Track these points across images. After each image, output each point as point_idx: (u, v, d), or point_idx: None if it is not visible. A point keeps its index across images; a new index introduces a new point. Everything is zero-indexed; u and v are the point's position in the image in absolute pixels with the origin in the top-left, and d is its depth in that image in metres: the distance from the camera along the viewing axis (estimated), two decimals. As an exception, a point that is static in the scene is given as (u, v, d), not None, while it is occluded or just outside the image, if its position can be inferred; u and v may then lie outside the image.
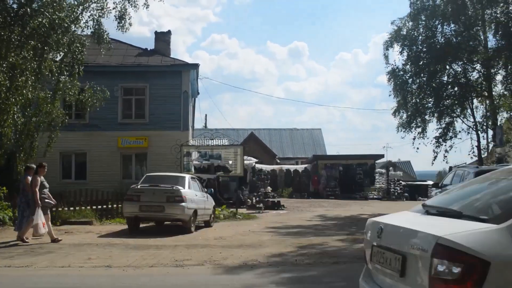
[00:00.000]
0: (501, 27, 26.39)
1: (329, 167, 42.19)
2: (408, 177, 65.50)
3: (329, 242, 14.53)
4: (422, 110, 31.77)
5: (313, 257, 11.86)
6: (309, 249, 13.28)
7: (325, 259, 11.72)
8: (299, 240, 14.86)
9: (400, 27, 32.59)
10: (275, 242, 14.51)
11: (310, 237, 15.85)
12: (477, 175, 17.48)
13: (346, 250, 13.22)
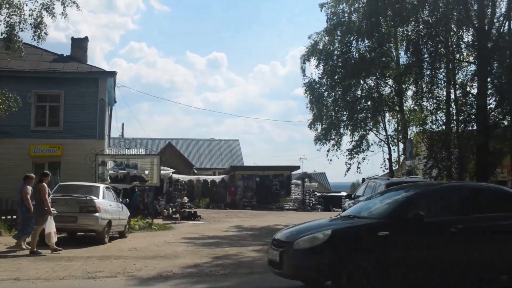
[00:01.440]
0: (412, 44, 27.33)
1: (246, 178, 42.43)
2: (323, 188, 66.84)
3: (244, 253, 14.64)
4: (337, 123, 32.58)
5: (228, 267, 11.92)
6: (225, 259, 13.32)
7: (240, 270, 11.80)
8: (215, 251, 14.89)
9: (316, 41, 33.39)
10: (191, 253, 14.47)
11: (226, 247, 15.89)
12: (388, 186, 18.15)
13: (261, 260, 13.31)
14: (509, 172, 30.98)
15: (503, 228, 9.29)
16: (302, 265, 8.68)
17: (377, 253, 8.50)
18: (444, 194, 10.09)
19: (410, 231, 8.79)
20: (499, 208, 9.67)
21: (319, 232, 8.76)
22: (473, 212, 9.42)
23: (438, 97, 29.96)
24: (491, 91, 26.82)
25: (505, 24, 26.46)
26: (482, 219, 9.30)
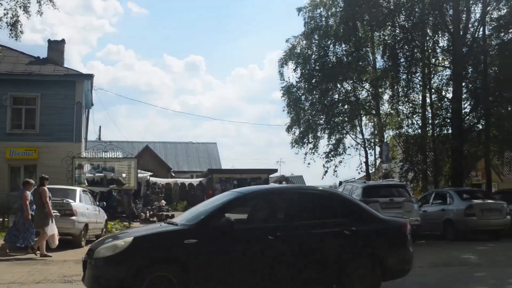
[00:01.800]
0: (388, 49, 27.64)
1: (224, 181, 42.41)
2: (300, 191, 66.79)
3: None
4: (314, 127, 32.74)
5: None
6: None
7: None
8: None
9: (294, 45, 33.52)
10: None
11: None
12: (365, 189, 18.37)
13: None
14: (483, 176, 31.38)
15: (328, 237, 8.90)
16: (102, 275, 7.94)
17: (182, 262, 7.99)
18: (268, 199, 9.47)
19: (218, 239, 8.23)
20: (329, 214, 9.25)
21: (121, 239, 8.15)
22: (298, 218, 8.95)
23: (414, 101, 30.32)
24: (466, 95, 27.26)
25: (479, 29, 26.92)
26: (307, 226, 8.89)
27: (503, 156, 32.22)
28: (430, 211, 20.66)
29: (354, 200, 10.08)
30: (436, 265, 12.95)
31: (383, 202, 17.72)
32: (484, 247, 17.08)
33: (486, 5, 26.20)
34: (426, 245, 18.06)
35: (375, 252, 9.08)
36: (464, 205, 19.31)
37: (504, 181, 39.43)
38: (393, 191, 18.60)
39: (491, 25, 26.91)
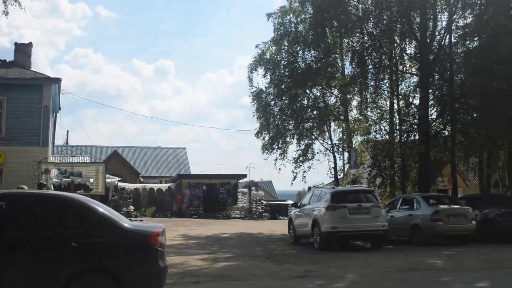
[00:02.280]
0: (356, 55, 27.82)
1: (193, 186, 42.30)
2: (269, 196, 67.21)
3: (190, 262, 14.64)
4: (284, 132, 32.80)
5: (173, 277, 11.89)
6: (170, 268, 13.22)
7: (186, 279, 11.83)
8: (161, 260, 14.78)
9: (264, 51, 33.59)
10: (136, 262, 14.33)
11: (172, 256, 15.79)
12: (333, 195, 18.51)
13: (207, 269, 13.39)
14: (450, 181, 31.85)
15: (51, 249, 8.10)
16: None
17: None
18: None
19: None
20: (57, 222, 8.50)
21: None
22: (15, 228, 8.17)
23: (381, 107, 30.72)
24: (433, 102, 27.62)
25: (446, 37, 27.30)
26: (24, 237, 8.07)
27: (469, 162, 32.80)
28: (398, 216, 20.85)
29: (92, 207, 8.70)
30: (403, 270, 13.08)
31: (351, 208, 17.90)
32: (450, 252, 17.29)
33: (452, 14, 26.59)
34: (394, 250, 18.23)
35: (109, 267, 8.23)
36: (430, 211, 19.51)
37: (469, 187, 40.01)
38: (361, 196, 18.77)
39: (457, 33, 27.31)
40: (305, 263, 14.60)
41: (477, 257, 15.49)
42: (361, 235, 18.87)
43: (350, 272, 12.83)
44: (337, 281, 11.70)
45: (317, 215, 18.50)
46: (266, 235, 24.72)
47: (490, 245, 18.90)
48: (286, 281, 11.74)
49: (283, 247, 19.73)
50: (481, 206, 21.11)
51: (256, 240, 22.45)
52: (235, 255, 16.75)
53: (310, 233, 19.07)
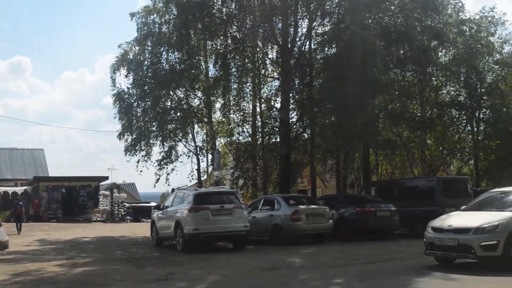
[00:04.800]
0: (220, 58, 27.97)
1: (51, 189, 40.71)
2: (132, 199, 66.18)
3: (47, 268, 14.04)
4: (147, 134, 32.32)
5: (28, 284, 11.35)
6: (25, 276, 12.66)
7: (42, 286, 11.32)
8: (14, 267, 14.05)
9: (127, 50, 32.88)
10: (-14, 271, 13.50)
11: (27, 263, 15.10)
12: (196, 197, 18.54)
13: (65, 275, 12.91)
14: (309, 182, 33.07)
15: None
16: None
17: None
18: None
19: None
20: None
21: None
22: None
23: (244, 110, 31.25)
24: (293, 105, 28.47)
25: (306, 43, 28.23)
26: None
27: (326, 164, 34.21)
28: (259, 217, 21.27)
29: None
30: (263, 269, 13.34)
31: (213, 209, 18.02)
32: (308, 250, 17.89)
33: (312, 21, 27.52)
34: (255, 250, 18.57)
35: None
36: (290, 211, 20.11)
37: (327, 187, 41.77)
38: (224, 198, 18.95)
39: (317, 40, 28.40)
40: (167, 266, 14.48)
41: (333, 255, 16.12)
42: (223, 236, 19.05)
43: (212, 273, 12.88)
44: (199, 283, 11.70)
45: (180, 217, 18.43)
46: (128, 238, 24.29)
47: (345, 243, 19.90)
48: (147, 285, 11.57)
49: (145, 250, 19.46)
50: (338, 206, 22.18)
51: (117, 243, 21.97)
52: (95, 259, 16.27)
53: (173, 235, 18.95)
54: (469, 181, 25.35)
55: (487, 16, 35.35)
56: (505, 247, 11.68)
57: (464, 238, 12.12)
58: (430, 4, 27.11)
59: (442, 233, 12.66)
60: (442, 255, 12.85)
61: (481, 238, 11.84)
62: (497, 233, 11.78)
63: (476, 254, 11.87)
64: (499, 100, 35.33)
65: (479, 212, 13.17)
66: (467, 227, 12.25)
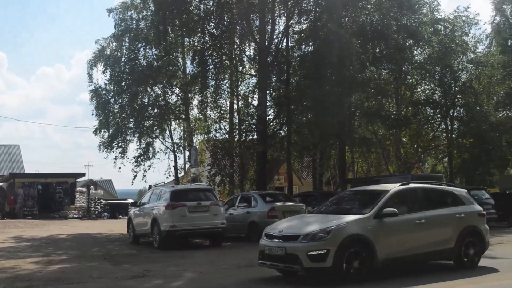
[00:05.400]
0: (198, 55, 27.95)
1: (27, 186, 40.32)
2: (109, 195, 65.75)
3: (22, 265, 14.00)
4: (124, 130, 32.21)
5: (3, 282, 11.32)
6: (0, 273, 12.62)
7: (17, 284, 11.31)
8: (-11, 265, 14.00)
9: (104, 46, 32.74)
10: (-39, 269, 13.43)
11: (2, 260, 15.04)
12: (173, 193, 18.59)
13: (40, 272, 12.89)
14: (285, 179, 33.26)
15: None
16: None
17: None
18: None
19: None
20: None
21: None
22: None
23: (222, 107, 31.25)
24: (270, 103, 28.58)
25: (283, 40, 28.33)
26: None
27: (303, 161, 34.45)
28: (236, 214, 21.38)
29: None
30: (240, 266, 13.46)
31: (190, 206, 18.09)
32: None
33: (289, 19, 27.66)
34: (232, 247, 18.69)
35: None
36: (267, 208, 20.24)
37: (304, 184, 42.01)
38: (201, 194, 19.05)
39: (294, 38, 28.55)
40: (144, 263, 14.53)
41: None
42: (200, 233, 19.13)
43: (188, 270, 12.97)
44: (175, 280, 11.78)
45: (156, 214, 18.47)
46: (105, 235, 24.23)
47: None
48: (123, 282, 11.61)
49: (122, 247, 19.44)
50: (314, 203, 22.33)
51: (94, 240, 21.91)
52: (71, 256, 16.25)
53: (149, 232, 18.99)
54: (443, 178, 25.80)
55: (462, 16, 35.89)
56: (337, 257, 10.20)
57: (291, 246, 10.58)
58: (405, 3, 27.44)
59: (271, 240, 11.18)
60: (271, 266, 11.21)
61: (309, 246, 10.32)
62: (327, 240, 10.29)
63: (303, 265, 10.30)
64: (472, 98, 35.91)
65: (321, 216, 11.84)
66: (296, 234, 10.75)
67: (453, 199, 12.66)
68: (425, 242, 11.50)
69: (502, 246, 17.57)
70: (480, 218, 12.66)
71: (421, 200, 12.30)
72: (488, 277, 11.40)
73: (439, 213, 12.07)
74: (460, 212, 12.24)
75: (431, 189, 12.94)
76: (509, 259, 13.97)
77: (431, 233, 11.63)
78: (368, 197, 12.30)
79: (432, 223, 11.70)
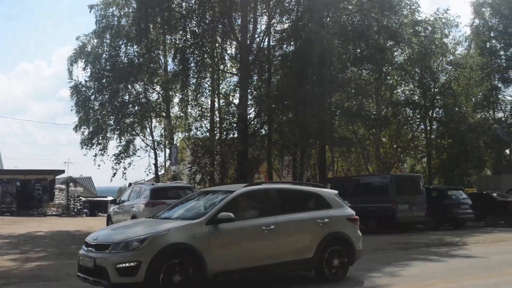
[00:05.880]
0: (179, 53, 27.89)
1: (5, 182, 40.04)
2: (89, 193, 65.48)
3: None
4: (104, 127, 32.07)
5: (-20, 279, 11.26)
6: (-23, 270, 12.55)
7: (-6, 280, 11.25)
8: (-34, 262, 13.90)
9: (85, 43, 32.55)
10: None
11: (-21, 258, 14.94)
12: (152, 191, 18.59)
13: (18, 270, 12.82)
14: (266, 178, 33.37)
15: None
16: None
17: None
18: None
19: None
20: None
21: None
22: None
23: (203, 105, 31.25)
24: (251, 101, 28.67)
25: (265, 39, 28.46)
26: None
27: (283, 160, 34.57)
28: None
29: None
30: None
31: (170, 204, 18.07)
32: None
33: (271, 18, 27.76)
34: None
35: None
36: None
37: (284, 183, 42.09)
38: (181, 193, 19.01)
39: (275, 37, 28.68)
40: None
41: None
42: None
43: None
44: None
45: (136, 211, 18.45)
46: (84, 233, 24.04)
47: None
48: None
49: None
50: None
51: (72, 238, 21.80)
52: (49, 254, 16.16)
53: (129, 230, 18.91)
54: (421, 178, 26.03)
55: (442, 18, 36.24)
56: (151, 271, 8.63)
57: (100, 257, 8.97)
58: (386, 4, 27.69)
59: (87, 249, 9.51)
60: (84, 280, 9.34)
61: (118, 257, 8.74)
62: (140, 250, 8.69)
63: (110, 279, 8.68)
64: (451, 100, 36.30)
65: (155, 221, 10.34)
66: (108, 242, 9.13)
67: (317, 202, 11.07)
68: (276, 252, 9.94)
69: (478, 245, 17.87)
70: (350, 223, 11.10)
71: (275, 203, 10.47)
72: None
73: (295, 218, 10.47)
74: (323, 217, 10.66)
75: (288, 191, 11.25)
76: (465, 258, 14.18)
77: (283, 241, 10.06)
78: (213, 199, 10.48)
79: (284, 229, 10.13)
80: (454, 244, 18.13)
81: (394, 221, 23.34)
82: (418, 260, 13.84)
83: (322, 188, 11.84)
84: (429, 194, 25.39)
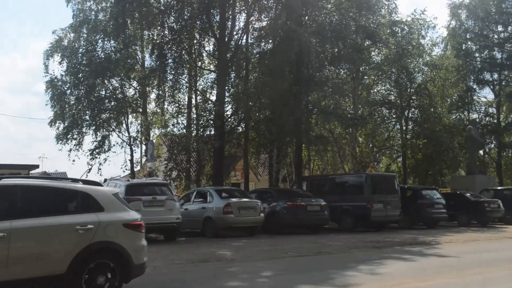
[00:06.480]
0: (157, 48, 27.78)
1: (-23, 177, 39.42)
2: (63, 188, 64.72)
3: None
4: (80, 122, 31.78)
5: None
6: None
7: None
8: None
9: (61, 37, 32.23)
10: None
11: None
12: (128, 187, 18.45)
13: None
14: (242, 175, 33.37)
15: None
16: None
17: None
18: None
19: None
20: None
21: None
22: None
23: (180, 101, 31.10)
24: (228, 99, 28.66)
25: (243, 37, 28.49)
26: None
27: (260, 158, 34.63)
28: (192, 209, 21.37)
29: None
30: (193, 262, 13.45)
31: (145, 200, 18.01)
32: (239, 243, 18.11)
33: (249, 16, 27.79)
34: (186, 242, 18.71)
35: None
36: (222, 203, 20.31)
37: (260, 181, 42.20)
38: (156, 189, 18.96)
39: (253, 35, 28.71)
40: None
41: (263, 248, 16.37)
42: (155, 228, 18.95)
43: (142, 264, 12.86)
44: (128, 274, 11.68)
45: (111, 207, 18.25)
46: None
47: (276, 236, 20.32)
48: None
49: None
50: (270, 200, 22.57)
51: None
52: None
53: (103, 226, 18.70)
54: (396, 178, 26.28)
55: (419, 19, 36.59)
56: None
57: None
58: (364, 4, 27.87)
59: None
60: None
61: None
62: None
63: None
64: (427, 100, 36.66)
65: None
66: None
67: (83, 204, 8.82)
68: (5, 267, 7.81)
69: (451, 245, 18.08)
70: (128, 230, 8.93)
71: (14, 204, 8.38)
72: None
73: (40, 223, 8.20)
74: (86, 223, 8.49)
75: (40, 188, 8.76)
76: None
77: (16, 253, 7.90)
78: None
79: (20, 238, 8.01)
80: (427, 243, 18.31)
81: (369, 220, 23.53)
82: (391, 259, 13.96)
83: (96, 187, 9.47)
84: (404, 193, 25.67)
